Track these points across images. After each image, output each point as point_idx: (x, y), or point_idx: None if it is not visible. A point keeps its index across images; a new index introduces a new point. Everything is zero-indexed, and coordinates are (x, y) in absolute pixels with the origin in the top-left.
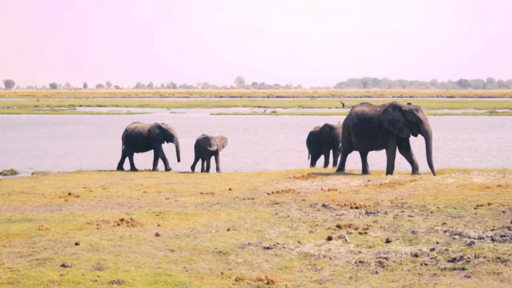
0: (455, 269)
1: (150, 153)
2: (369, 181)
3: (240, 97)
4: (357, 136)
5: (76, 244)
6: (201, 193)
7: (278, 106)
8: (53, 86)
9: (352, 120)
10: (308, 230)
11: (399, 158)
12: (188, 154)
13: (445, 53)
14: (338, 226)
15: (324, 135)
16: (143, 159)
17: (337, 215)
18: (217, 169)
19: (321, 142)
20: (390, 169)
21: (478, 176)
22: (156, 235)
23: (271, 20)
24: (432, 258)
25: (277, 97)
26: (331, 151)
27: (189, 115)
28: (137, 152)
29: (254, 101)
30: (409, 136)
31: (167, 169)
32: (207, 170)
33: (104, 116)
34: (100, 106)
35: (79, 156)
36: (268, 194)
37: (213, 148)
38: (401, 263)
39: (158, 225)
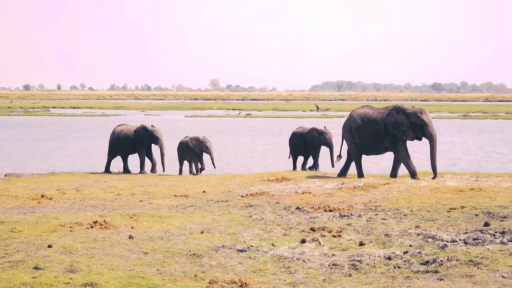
0: (428, 272)
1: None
2: (343, 184)
3: (215, 99)
4: (360, 139)
5: (49, 246)
6: (175, 196)
7: (252, 109)
8: (26, 87)
9: (355, 122)
10: (282, 233)
11: (373, 161)
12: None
13: (419, 56)
14: (312, 229)
15: (311, 138)
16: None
17: (311, 218)
18: (202, 170)
19: (306, 145)
20: (412, 171)
21: (452, 179)
22: (129, 238)
23: (246, 22)
24: (405, 261)
25: (251, 99)
26: (318, 154)
27: (163, 117)
28: (125, 154)
29: (229, 103)
30: (413, 139)
31: (141, 172)
32: (197, 172)
33: (78, 118)
34: (74, 108)
35: (53, 158)
36: (242, 196)
37: (208, 149)
38: (374, 266)
39: (132, 228)
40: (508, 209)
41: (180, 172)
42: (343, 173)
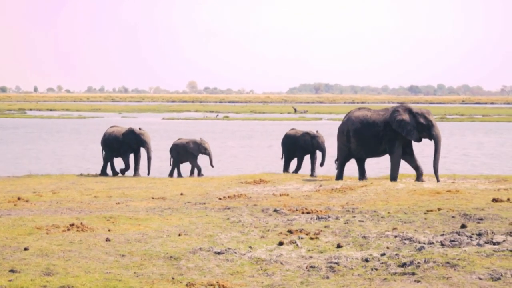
0: (405, 273)
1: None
2: (320, 186)
3: (192, 101)
4: (359, 142)
5: (25, 249)
6: (153, 198)
7: (230, 111)
8: (3, 89)
9: (354, 125)
10: (260, 235)
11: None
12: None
13: (396, 59)
14: (290, 231)
15: (304, 142)
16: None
17: (288, 220)
18: (199, 172)
19: (297, 147)
20: (394, 175)
21: (428, 181)
22: (106, 240)
23: (224, 24)
24: (382, 263)
25: (229, 102)
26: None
27: (140, 119)
28: (116, 157)
29: (206, 106)
30: (417, 140)
31: (123, 173)
32: (199, 173)
33: (54, 120)
34: (51, 110)
35: (29, 161)
36: (220, 199)
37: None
38: (352, 268)
39: (109, 230)
40: (485, 211)
41: (179, 174)
42: (340, 176)
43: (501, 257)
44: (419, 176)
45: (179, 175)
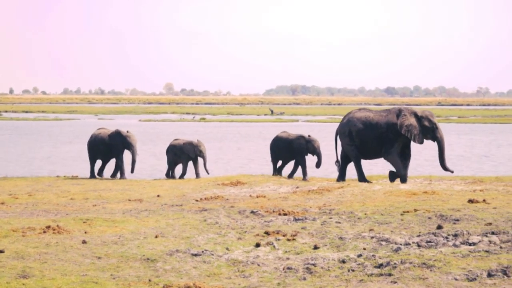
0: (381, 274)
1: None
2: (297, 187)
3: (169, 103)
4: (362, 143)
5: (1, 251)
6: (129, 200)
7: (207, 113)
8: None
9: (356, 126)
10: (237, 237)
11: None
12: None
13: (373, 61)
14: (267, 233)
15: (298, 146)
16: (142, 168)
17: (265, 221)
18: (198, 174)
19: (292, 151)
20: (402, 174)
21: (408, 182)
22: (83, 242)
23: (201, 27)
24: (359, 264)
25: (206, 103)
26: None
27: (117, 121)
28: (102, 159)
29: (183, 107)
30: (422, 142)
31: (122, 177)
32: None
33: (30, 122)
34: (26, 112)
35: (4, 163)
36: (197, 200)
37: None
38: (328, 269)
39: (85, 232)
40: (461, 212)
41: (173, 176)
42: (342, 177)
43: (477, 257)
44: (402, 180)
45: (173, 176)
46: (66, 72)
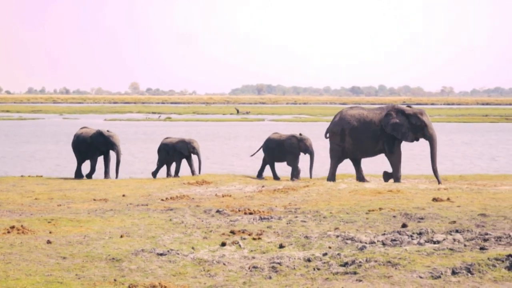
0: (347, 273)
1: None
2: (263, 187)
3: (135, 103)
4: (355, 141)
5: None
6: (94, 200)
7: (172, 112)
8: None
9: (349, 124)
10: (202, 236)
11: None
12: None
13: (338, 60)
14: (232, 232)
15: (290, 145)
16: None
17: (231, 221)
18: (194, 172)
19: (284, 151)
20: (397, 175)
21: (370, 181)
22: (47, 242)
23: (165, 25)
24: (324, 262)
25: (171, 103)
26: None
27: (82, 121)
28: (85, 159)
29: (149, 107)
30: (413, 141)
31: (89, 177)
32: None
33: None
34: None
35: None
36: (162, 200)
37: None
38: (294, 268)
39: (50, 232)
40: (425, 211)
41: (169, 174)
42: (360, 177)
43: (441, 255)
44: (392, 179)
45: (169, 175)
46: (30, 71)
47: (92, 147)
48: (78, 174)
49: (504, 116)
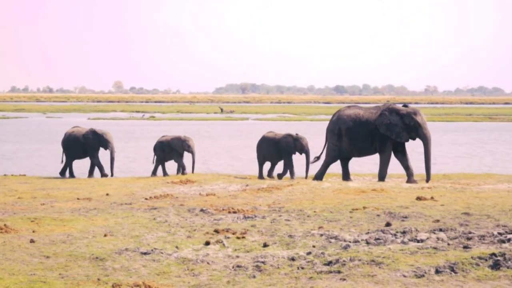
0: (331, 272)
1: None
2: (247, 185)
3: (118, 101)
4: (351, 141)
5: None
6: (78, 199)
7: (156, 111)
8: None
9: (346, 123)
10: (186, 235)
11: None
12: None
13: (322, 59)
14: (216, 231)
15: (286, 144)
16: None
17: (215, 219)
18: (183, 171)
19: (279, 151)
20: (383, 175)
21: (354, 180)
22: (31, 242)
23: (149, 24)
24: (308, 261)
25: (155, 102)
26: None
27: (66, 119)
28: (76, 158)
29: (133, 106)
30: (408, 140)
31: (103, 175)
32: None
33: None
34: None
35: None
36: (146, 199)
37: (191, 149)
38: (278, 267)
39: (33, 231)
40: (409, 209)
41: (165, 173)
42: (346, 177)
43: (425, 254)
44: (409, 177)
45: (165, 173)
46: (13, 70)
47: (87, 146)
48: (64, 173)
49: (488, 115)
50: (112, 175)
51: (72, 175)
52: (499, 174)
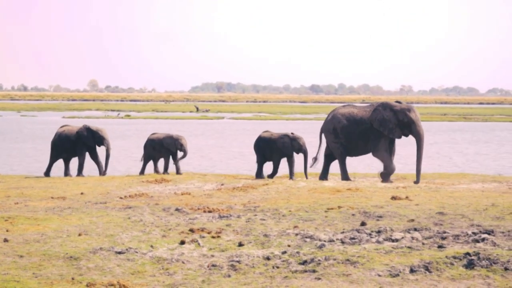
0: (306, 271)
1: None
2: (222, 185)
3: (93, 100)
4: (347, 139)
5: None
6: (52, 198)
7: (132, 110)
8: None
9: (340, 122)
10: (161, 234)
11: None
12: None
13: (298, 58)
14: (191, 230)
15: (283, 145)
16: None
17: (190, 219)
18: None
19: (274, 150)
20: (388, 171)
21: (329, 180)
22: (4, 241)
23: (124, 23)
24: (283, 261)
25: (131, 100)
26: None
27: (40, 118)
28: (68, 157)
29: (108, 104)
30: (400, 137)
31: (79, 175)
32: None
33: None
34: None
35: None
36: (121, 198)
37: (183, 148)
38: (253, 266)
39: (7, 231)
40: (384, 209)
41: (156, 171)
42: (324, 176)
43: (399, 253)
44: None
45: (156, 171)
46: None
47: (79, 144)
48: (48, 173)
49: (462, 115)
50: (105, 173)
51: (49, 174)
52: (473, 174)
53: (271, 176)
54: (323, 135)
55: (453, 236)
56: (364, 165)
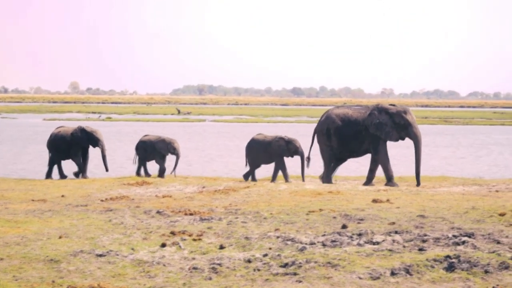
0: (287, 274)
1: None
2: (203, 187)
3: (74, 102)
4: (341, 141)
5: None
6: (33, 200)
7: (113, 112)
8: None
9: (334, 123)
10: (142, 237)
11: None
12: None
13: (280, 61)
14: (172, 233)
15: (278, 147)
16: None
17: (171, 221)
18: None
19: (270, 153)
20: (389, 174)
21: (310, 182)
22: None
23: (106, 24)
24: (264, 263)
25: (112, 103)
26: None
27: (20, 120)
28: (64, 159)
29: (89, 106)
30: (397, 140)
31: (84, 176)
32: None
33: None
34: None
35: None
36: (102, 201)
37: (177, 152)
38: (234, 269)
39: None
40: (365, 212)
41: (147, 173)
42: (327, 179)
43: (380, 256)
44: (368, 180)
45: (147, 173)
46: None
47: (74, 145)
48: (49, 175)
49: (443, 118)
50: (107, 170)
51: (49, 175)
52: (454, 177)
53: (272, 180)
54: (315, 136)
55: (434, 239)
56: (344, 168)
